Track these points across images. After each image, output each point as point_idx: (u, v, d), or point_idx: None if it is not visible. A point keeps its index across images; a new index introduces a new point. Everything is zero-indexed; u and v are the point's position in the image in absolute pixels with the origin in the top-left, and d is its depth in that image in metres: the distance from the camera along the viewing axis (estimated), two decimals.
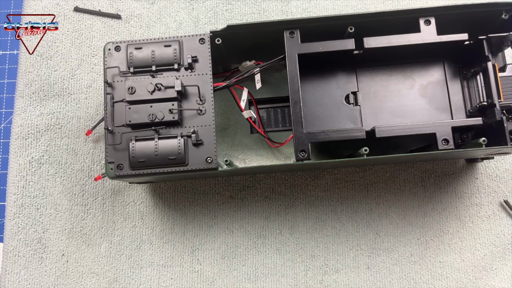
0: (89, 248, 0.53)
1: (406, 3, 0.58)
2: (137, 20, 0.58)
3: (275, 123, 0.52)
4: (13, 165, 0.54)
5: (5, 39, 0.77)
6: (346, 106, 0.47)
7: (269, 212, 0.53)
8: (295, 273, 0.52)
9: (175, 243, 0.53)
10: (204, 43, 0.43)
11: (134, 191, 0.54)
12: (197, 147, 0.42)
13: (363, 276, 0.52)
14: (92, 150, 0.55)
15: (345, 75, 0.48)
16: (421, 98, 0.47)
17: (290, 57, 0.42)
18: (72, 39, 0.57)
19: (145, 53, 0.43)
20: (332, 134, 0.41)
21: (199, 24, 0.58)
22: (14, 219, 0.53)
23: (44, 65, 0.56)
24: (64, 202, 0.54)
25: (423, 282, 0.51)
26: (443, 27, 0.42)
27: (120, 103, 0.42)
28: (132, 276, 0.52)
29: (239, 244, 0.53)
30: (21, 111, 0.55)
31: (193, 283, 0.52)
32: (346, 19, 0.42)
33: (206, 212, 0.53)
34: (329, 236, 0.53)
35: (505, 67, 0.45)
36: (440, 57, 0.48)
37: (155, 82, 0.42)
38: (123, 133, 0.42)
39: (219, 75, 0.50)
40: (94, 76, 0.56)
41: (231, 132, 0.52)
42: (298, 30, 0.42)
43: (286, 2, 0.58)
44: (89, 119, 0.55)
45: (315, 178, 0.54)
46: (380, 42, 0.42)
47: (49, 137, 0.55)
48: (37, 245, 0.53)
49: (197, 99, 0.43)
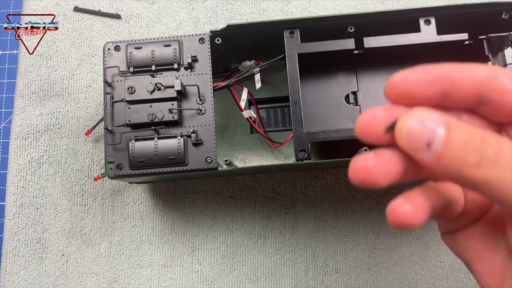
0: (89, 248, 0.53)
1: (406, 3, 0.58)
2: (137, 20, 0.58)
3: (275, 123, 0.52)
4: (12, 165, 0.54)
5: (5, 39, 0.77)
6: (346, 106, 0.47)
7: (269, 212, 0.53)
8: (296, 273, 0.52)
9: (175, 243, 0.53)
10: (204, 43, 0.43)
11: (134, 191, 0.54)
12: (197, 147, 0.42)
13: (363, 276, 0.52)
14: (91, 150, 0.54)
15: (345, 75, 0.48)
16: None
17: (290, 57, 0.42)
18: (72, 39, 0.57)
19: (144, 53, 0.43)
20: (332, 134, 0.41)
21: (199, 24, 0.58)
22: (13, 219, 0.53)
23: (44, 65, 0.56)
24: (64, 202, 0.54)
25: (423, 282, 0.51)
26: (443, 26, 0.42)
27: (119, 103, 0.42)
28: (132, 276, 0.52)
29: (239, 244, 0.53)
30: (21, 111, 0.55)
31: (193, 283, 0.52)
32: (346, 19, 0.42)
33: (206, 212, 0.53)
34: (329, 236, 0.53)
35: (505, 67, 0.45)
36: (440, 57, 0.47)
37: (155, 82, 0.42)
38: (123, 133, 0.42)
39: (219, 75, 0.50)
40: (94, 76, 0.56)
41: (231, 132, 0.52)
42: (298, 30, 0.42)
43: (286, 2, 0.58)
44: (89, 119, 0.55)
45: (315, 178, 0.54)
46: (380, 42, 0.42)
47: (48, 137, 0.55)
48: (37, 245, 0.53)
49: (196, 99, 0.43)
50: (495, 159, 0.18)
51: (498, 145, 0.18)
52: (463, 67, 0.21)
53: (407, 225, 0.20)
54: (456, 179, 0.20)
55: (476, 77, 0.21)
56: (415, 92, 0.21)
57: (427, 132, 0.19)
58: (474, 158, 0.18)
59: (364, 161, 0.20)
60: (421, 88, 0.21)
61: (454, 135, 0.19)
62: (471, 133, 0.19)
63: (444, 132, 0.19)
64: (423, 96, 0.21)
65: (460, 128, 0.19)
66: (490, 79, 0.21)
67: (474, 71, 0.21)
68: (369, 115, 0.21)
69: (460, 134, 0.19)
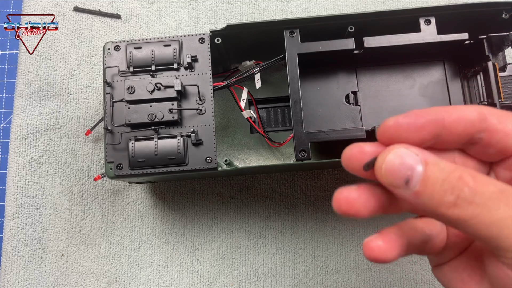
0: (89, 248, 0.53)
1: (406, 2, 0.58)
2: (136, 19, 0.58)
3: (275, 123, 0.52)
4: (12, 165, 0.54)
5: (5, 39, 0.77)
6: (346, 105, 0.47)
7: (270, 212, 0.53)
8: (296, 273, 0.52)
9: (175, 243, 0.53)
10: (203, 43, 0.43)
11: (134, 191, 0.54)
12: (196, 147, 0.42)
13: (363, 276, 0.52)
14: (91, 150, 0.54)
15: (345, 75, 0.48)
16: (421, 97, 0.47)
17: (290, 57, 0.42)
18: (71, 39, 0.57)
19: (144, 53, 0.43)
20: (332, 134, 0.41)
21: (199, 24, 0.58)
22: (13, 219, 0.53)
23: (44, 65, 0.56)
24: (64, 202, 0.54)
25: (423, 283, 0.51)
26: (443, 26, 0.42)
27: (119, 102, 0.42)
28: (132, 276, 0.52)
29: (239, 244, 0.53)
30: (21, 111, 0.55)
31: (193, 283, 0.52)
32: (346, 18, 0.42)
33: (206, 212, 0.53)
34: (329, 236, 0.52)
35: (505, 67, 0.45)
36: (440, 57, 0.47)
37: (155, 82, 0.42)
38: (123, 133, 0.42)
39: (219, 75, 0.50)
40: (94, 76, 0.56)
41: (231, 132, 0.52)
42: (298, 29, 0.42)
43: (286, 2, 0.58)
44: (89, 119, 0.55)
45: (315, 178, 0.54)
46: (380, 41, 0.42)
47: (48, 137, 0.55)
48: (37, 245, 0.53)
49: (196, 99, 0.43)
50: (471, 198, 0.19)
51: (474, 184, 0.19)
52: (453, 110, 0.21)
53: (380, 259, 0.21)
54: (434, 216, 0.20)
55: (466, 119, 0.21)
56: (408, 137, 0.21)
57: (405, 170, 0.20)
58: (450, 198, 0.19)
59: (346, 193, 0.21)
60: (413, 133, 0.21)
61: (431, 174, 0.19)
62: (449, 172, 0.19)
63: (421, 170, 0.19)
64: (415, 141, 0.21)
65: (437, 166, 0.20)
66: (480, 120, 0.21)
67: (464, 114, 0.21)
68: (355, 148, 0.22)
69: (437, 173, 0.19)
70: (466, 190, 0.19)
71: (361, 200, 0.21)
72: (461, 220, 0.19)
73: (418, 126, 0.21)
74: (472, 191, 0.19)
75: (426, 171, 0.19)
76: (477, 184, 0.19)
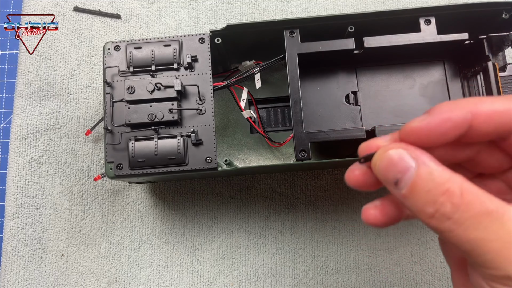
0: (89, 248, 0.53)
1: (406, 3, 0.58)
2: (136, 19, 0.58)
3: (275, 123, 0.52)
4: (12, 165, 0.54)
5: (5, 39, 0.77)
6: (346, 105, 0.47)
7: (270, 212, 0.53)
8: (296, 273, 0.52)
9: (175, 243, 0.53)
10: (203, 43, 0.43)
11: (134, 191, 0.54)
12: (196, 147, 0.42)
13: (363, 276, 0.52)
14: (91, 150, 0.54)
15: (345, 75, 0.48)
16: (421, 97, 0.47)
17: (290, 57, 0.42)
18: (71, 39, 0.57)
19: (144, 53, 0.43)
20: (332, 134, 0.41)
21: (199, 24, 0.58)
22: (13, 219, 0.53)
23: (44, 65, 0.56)
24: (64, 202, 0.54)
25: (423, 282, 0.51)
26: (443, 26, 0.42)
27: (119, 102, 0.42)
28: (132, 276, 0.52)
29: (239, 244, 0.53)
30: (21, 111, 0.55)
31: (193, 283, 0.52)
32: (346, 18, 0.42)
33: (206, 212, 0.53)
34: (329, 236, 0.52)
35: (505, 67, 0.45)
36: (440, 57, 0.47)
37: (155, 82, 0.42)
38: (123, 133, 0.42)
39: (219, 75, 0.50)
40: (94, 76, 0.56)
41: (231, 132, 0.52)
42: (298, 29, 0.42)
43: (286, 2, 0.58)
44: (89, 119, 0.55)
45: (315, 178, 0.54)
46: (380, 41, 0.42)
47: (48, 137, 0.55)
48: (37, 245, 0.53)
49: (196, 99, 0.43)
50: (450, 215, 0.19)
51: (459, 200, 0.19)
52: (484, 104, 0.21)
53: (375, 225, 0.24)
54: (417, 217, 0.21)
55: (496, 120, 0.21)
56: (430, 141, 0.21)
57: (396, 172, 0.21)
58: (430, 209, 0.19)
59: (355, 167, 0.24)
60: (437, 137, 0.21)
61: (419, 182, 0.20)
62: (438, 183, 0.20)
63: (412, 175, 0.20)
64: (437, 143, 0.21)
65: (429, 174, 0.20)
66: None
67: (495, 108, 0.21)
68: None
69: (424, 182, 0.20)
70: (448, 206, 0.19)
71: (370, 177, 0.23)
72: (437, 230, 0.20)
73: (443, 131, 0.21)
74: (454, 208, 0.19)
75: (416, 177, 0.20)
76: (462, 201, 0.19)
